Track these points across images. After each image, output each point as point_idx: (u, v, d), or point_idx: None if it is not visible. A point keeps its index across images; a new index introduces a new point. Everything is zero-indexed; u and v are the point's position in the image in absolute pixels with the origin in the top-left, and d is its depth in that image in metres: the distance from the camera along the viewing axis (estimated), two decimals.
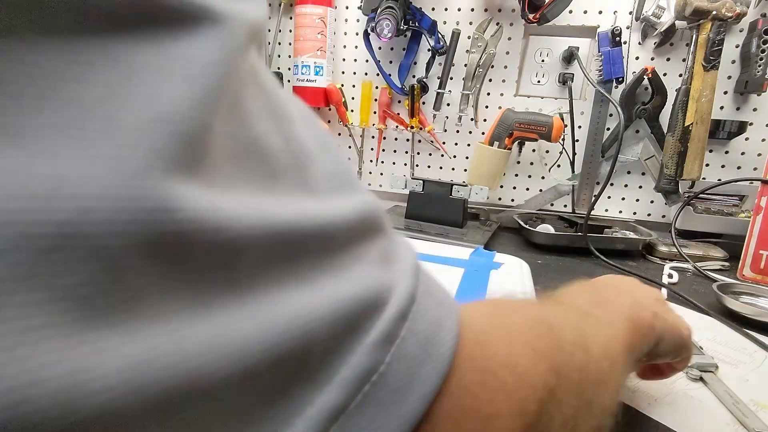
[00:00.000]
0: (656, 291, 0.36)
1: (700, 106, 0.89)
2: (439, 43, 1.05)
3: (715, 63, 0.88)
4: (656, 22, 0.95)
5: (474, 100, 1.08)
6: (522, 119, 0.97)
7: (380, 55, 1.12)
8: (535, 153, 1.09)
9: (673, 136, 0.92)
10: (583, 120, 1.05)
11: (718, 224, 0.94)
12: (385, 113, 1.14)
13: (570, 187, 1.07)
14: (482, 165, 1.02)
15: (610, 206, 1.08)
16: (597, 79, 1.01)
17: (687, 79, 0.90)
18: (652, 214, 1.07)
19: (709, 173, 1.00)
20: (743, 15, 0.87)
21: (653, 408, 0.42)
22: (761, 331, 0.59)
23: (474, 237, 0.91)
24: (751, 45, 0.91)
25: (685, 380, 0.47)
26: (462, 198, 0.97)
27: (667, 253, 0.90)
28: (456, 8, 1.06)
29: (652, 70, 0.96)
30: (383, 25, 0.99)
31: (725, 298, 0.64)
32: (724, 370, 0.49)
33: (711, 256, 0.88)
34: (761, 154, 0.97)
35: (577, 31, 1.03)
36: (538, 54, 1.06)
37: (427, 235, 0.90)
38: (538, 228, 0.95)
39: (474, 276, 0.68)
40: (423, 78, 1.10)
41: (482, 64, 1.05)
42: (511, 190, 1.13)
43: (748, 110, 0.98)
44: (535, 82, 1.08)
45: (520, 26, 1.04)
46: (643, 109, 0.98)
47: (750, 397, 0.44)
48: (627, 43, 1.00)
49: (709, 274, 0.81)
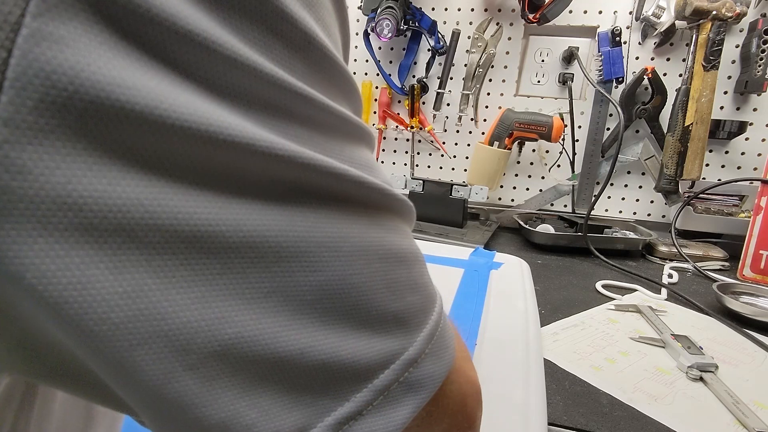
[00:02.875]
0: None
1: (700, 106, 0.89)
2: (439, 43, 1.05)
3: (715, 63, 0.88)
4: (656, 22, 0.95)
5: (474, 100, 1.08)
6: (522, 119, 0.97)
7: (380, 55, 1.12)
8: (535, 153, 1.09)
9: (673, 136, 0.92)
10: (583, 120, 1.05)
11: (718, 224, 0.94)
12: (385, 113, 1.14)
13: (570, 187, 1.07)
14: (482, 165, 1.02)
15: (610, 206, 1.08)
16: (597, 79, 1.01)
17: (687, 79, 0.90)
18: (652, 214, 1.07)
19: (709, 173, 1.00)
20: (743, 15, 0.87)
21: (653, 408, 0.42)
22: (761, 331, 0.59)
23: (474, 237, 0.91)
24: (751, 45, 0.91)
25: (685, 380, 0.47)
26: (462, 198, 0.97)
27: (667, 253, 0.90)
28: (456, 8, 1.06)
29: (652, 70, 0.96)
30: (383, 25, 0.99)
31: (725, 298, 0.64)
32: (724, 370, 0.49)
33: (711, 256, 0.88)
34: (761, 154, 0.97)
35: (577, 31, 1.03)
36: (538, 54, 1.06)
37: (426, 235, 0.90)
38: (538, 228, 0.95)
39: (474, 276, 0.68)
40: (423, 78, 1.10)
41: (482, 64, 1.05)
42: (511, 190, 1.13)
43: (748, 110, 0.97)
44: (535, 82, 1.08)
45: (520, 26, 1.04)
46: (643, 109, 0.98)
47: (750, 397, 0.44)
48: (627, 43, 1.00)
49: (709, 274, 0.81)
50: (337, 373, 0.14)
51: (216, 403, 0.12)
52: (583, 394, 0.44)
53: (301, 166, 0.13)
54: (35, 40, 0.10)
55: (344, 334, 0.14)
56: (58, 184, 0.10)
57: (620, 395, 0.44)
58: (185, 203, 0.12)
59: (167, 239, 0.12)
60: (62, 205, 0.10)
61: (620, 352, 0.52)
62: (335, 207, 0.14)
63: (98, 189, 0.11)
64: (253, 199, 0.13)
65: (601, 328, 0.58)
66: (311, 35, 0.13)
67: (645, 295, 0.71)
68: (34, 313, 0.11)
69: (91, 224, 0.11)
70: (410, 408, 0.16)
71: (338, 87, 0.15)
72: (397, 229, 0.17)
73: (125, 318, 0.11)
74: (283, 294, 0.13)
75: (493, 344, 0.49)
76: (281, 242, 0.13)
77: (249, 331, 0.13)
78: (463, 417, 0.19)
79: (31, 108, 0.10)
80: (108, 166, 0.11)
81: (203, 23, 0.11)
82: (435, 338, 0.17)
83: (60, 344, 0.13)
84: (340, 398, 0.14)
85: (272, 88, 0.13)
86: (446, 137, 1.13)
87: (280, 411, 0.14)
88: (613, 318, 0.61)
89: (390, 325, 0.16)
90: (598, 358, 0.51)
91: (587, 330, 0.57)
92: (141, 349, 0.11)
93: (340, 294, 0.14)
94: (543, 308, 0.63)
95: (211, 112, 0.12)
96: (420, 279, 0.17)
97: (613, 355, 0.51)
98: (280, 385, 0.14)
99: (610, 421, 0.40)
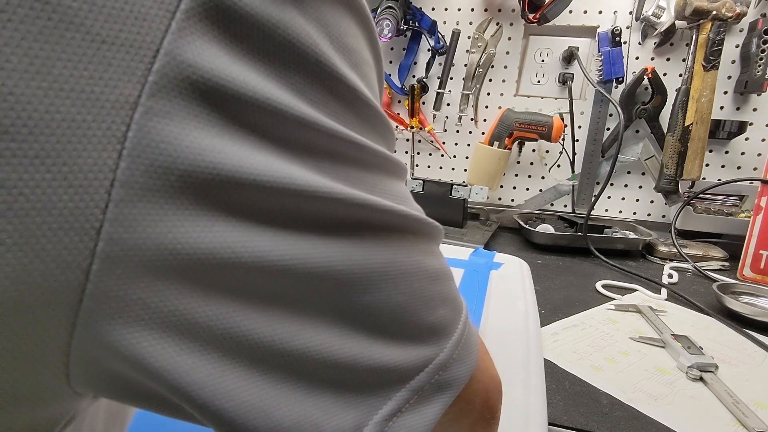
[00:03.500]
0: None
1: (700, 106, 0.89)
2: (439, 43, 1.05)
3: (715, 63, 0.88)
4: (656, 22, 0.95)
5: (474, 100, 1.08)
6: (522, 119, 0.97)
7: None
8: (535, 153, 1.09)
9: (673, 136, 0.92)
10: (583, 120, 1.05)
11: (718, 224, 0.94)
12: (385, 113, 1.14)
13: (570, 187, 1.07)
14: (482, 165, 1.02)
15: (610, 206, 1.08)
16: (597, 79, 1.01)
17: (687, 79, 0.90)
18: (652, 214, 1.07)
19: (709, 173, 1.00)
20: (743, 15, 0.87)
21: (653, 408, 0.42)
22: (761, 331, 0.59)
23: (474, 237, 0.91)
24: (751, 45, 0.91)
25: (685, 380, 0.47)
26: (462, 198, 0.97)
27: (667, 253, 0.90)
28: (456, 8, 1.06)
29: (652, 70, 0.96)
30: (383, 25, 0.99)
31: (725, 298, 0.64)
32: (724, 370, 0.49)
33: (711, 256, 0.88)
34: (761, 154, 0.97)
35: (577, 31, 1.03)
36: (538, 54, 1.06)
37: None
38: (538, 228, 0.95)
39: (474, 276, 0.68)
40: (423, 78, 1.10)
41: (482, 64, 1.05)
42: (511, 190, 1.13)
43: (748, 110, 0.97)
44: (535, 82, 1.08)
45: (520, 26, 1.04)
46: (643, 109, 0.98)
47: (750, 397, 0.44)
48: (627, 43, 1.00)
49: (709, 274, 0.81)
50: (383, 377, 0.17)
51: (287, 405, 0.15)
52: (583, 394, 0.44)
53: (356, 206, 0.16)
54: (148, 116, 0.12)
55: (388, 344, 0.17)
56: (161, 233, 0.13)
57: (620, 395, 0.44)
58: (263, 243, 0.14)
59: (248, 273, 0.14)
60: (164, 250, 0.13)
61: (620, 352, 0.52)
62: (383, 237, 0.17)
63: (192, 236, 0.13)
64: (318, 235, 0.15)
65: (601, 328, 0.58)
66: (359, 91, 0.16)
67: (645, 295, 0.71)
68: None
69: (187, 265, 0.13)
70: (440, 405, 0.18)
71: (377, 129, 0.18)
72: (432, 252, 0.19)
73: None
74: (340, 313, 0.16)
75: (493, 344, 0.49)
76: (340, 270, 0.15)
77: (312, 344, 0.15)
78: (487, 409, 0.23)
79: (142, 171, 0.12)
80: (200, 217, 0.13)
81: (275, 92, 0.14)
82: (461, 344, 0.20)
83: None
84: (384, 398, 0.17)
85: (331, 139, 0.16)
86: (446, 137, 1.13)
87: (339, 411, 0.16)
88: (613, 318, 0.61)
89: (424, 335, 0.18)
90: (598, 358, 0.51)
91: (587, 330, 0.57)
92: (231, 374, 0.14)
93: (386, 311, 0.17)
94: (543, 308, 0.63)
95: (282, 167, 0.14)
96: (449, 293, 0.20)
97: (613, 355, 0.52)
98: (336, 389, 0.16)
99: (610, 421, 0.40)
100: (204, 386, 0.14)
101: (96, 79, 0.12)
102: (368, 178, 0.17)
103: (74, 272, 0.12)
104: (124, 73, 0.12)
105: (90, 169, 0.12)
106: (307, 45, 0.15)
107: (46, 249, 0.12)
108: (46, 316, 0.12)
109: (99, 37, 0.12)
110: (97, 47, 0.12)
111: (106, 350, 0.13)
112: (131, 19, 0.12)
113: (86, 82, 0.12)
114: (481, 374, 0.22)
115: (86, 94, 0.12)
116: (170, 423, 0.35)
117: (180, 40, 0.13)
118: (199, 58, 0.13)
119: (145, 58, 0.12)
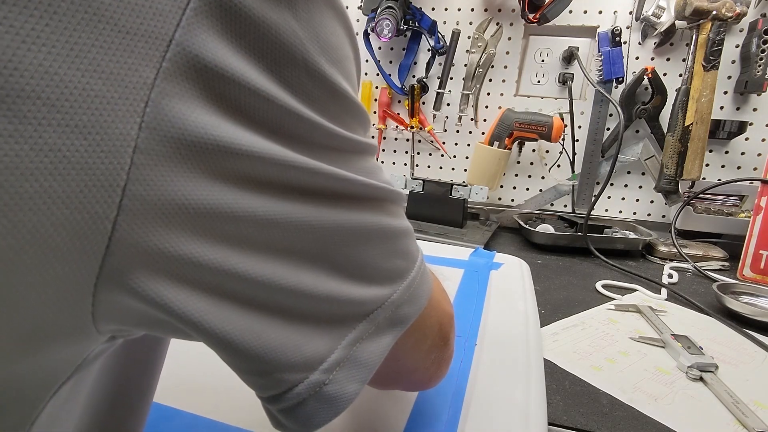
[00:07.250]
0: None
1: (700, 106, 0.89)
2: (439, 43, 1.05)
3: (715, 63, 0.88)
4: (656, 22, 0.95)
5: (474, 100, 1.08)
6: (522, 119, 0.97)
7: (380, 55, 1.12)
8: (535, 153, 1.09)
9: (673, 136, 0.92)
10: (583, 120, 1.05)
11: (718, 224, 0.94)
12: (385, 113, 1.14)
13: (570, 187, 1.07)
14: (482, 165, 1.02)
15: (610, 206, 1.08)
16: (597, 79, 1.01)
17: (687, 79, 0.90)
18: (652, 214, 1.07)
19: (709, 173, 1.00)
20: (743, 15, 0.87)
21: (653, 408, 0.42)
22: (761, 331, 0.59)
23: (474, 237, 0.91)
24: (751, 45, 0.91)
25: (685, 380, 0.47)
26: (462, 198, 0.97)
27: (667, 253, 0.90)
28: (456, 8, 1.06)
29: (652, 70, 0.96)
30: (383, 25, 0.99)
31: (725, 298, 0.64)
32: (724, 370, 0.49)
33: (711, 256, 0.88)
34: (761, 154, 0.98)
35: (577, 31, 1.03)
36: (538, 54, 1.06)
37: (426, 235, 0.90)
38: (538, 228, 0.95)
39: (474, 276, 0.68)
40: (423, 78, 1.10)
41: (482, 64, 1.05)
42: (511, 190, 1.13)
43: (748, 110, 0.98)
44: (535, 82, 1.08)
45: (520, 26, 1.04)
46: (643, 109, 0.98)
47: (750, 397, 0.44)
48: (627, 43, 1.00)
49: (709, 274, 0.81)
50: (349, 311, 0.21)
51: (275, 330, 0.19)
52: (583, 394, 0.44)
53: (329, 177, 0.19)
54: (162, 96, 0.15)
55: (355, 284, 0.21)
56: (172, 191, 0.15)
57: (620, 395, 0.44)
58: (252, 202, 0.17)
59: (241, 225, 0.17)
60: (174, 204, 0.15)
61: (620, 352, 0.52)
62: (354, 202, 0.21)
63: (196, 194, 0.16)
64: (297, 199, 0.18)
65: (601, 328, 0.58)
66: (338, 85, 0.19)
67: (645, 295, 0.71)
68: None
69: (193, 216, 0.16)
70: (392, 336, 0.23)
71: (351, 115, 0.21)
72: (392, 212, 0.23)
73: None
74: (318, 259, 0.20)
75: (493, 344, 0.49)
76: (316, 226, 0.19)
77: (294, 283, 0.19)
78: (440, 338, 0.29)
79: (158, 141, 0.15)
80: (202, 179, 0.16)
81: (266, 83, 0.17)
82: (413, 288, 0.24)
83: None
84: (349, 327, 0.21)
85: (310, 126, 0.18)
86: (446, 137, 1.13)
87: (315, 336, 0.20)
88: (613, 318, 0.61)
89: (382, 279, 0.22)
90: (598, 358, 0.51)
91: (587, 330, 0.57)
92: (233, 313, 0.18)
93: (355, 258, 0.21)
94: (543, 308, 0.63)
95: (267, 145, 0.17)
96: (406, 248, 0.24)
97: (613, 355, 0.51)
98: (313, 319, 0.20)
99: (610, 421, 0.40)
100: (210, 317, 0.17)
101: (122, 64, 0.14)
102: (340, 157, 0.20)
103: (103, 222, 0.14)
104: (143, 59, 0.14)
105: (117, 138, 0.14)
106: (296, 45, 0.17)
107: (83, 203, 0.14)
108: (81, 260, 0.15)
109: (124, 28, 0.14)
110: (122, 37, 0.14)
111: (127, 289, 0.16)
112: (150, 14, 0.14)
113: (114, 66, 0.14)
114: (434, 310, 0.27)
115: (114, 76, 0.14)
116: (168, 420, 0.35)
117: (188, 33, 0.15)
118: (204, 49, 0.15)
119: (160, 47, 0.15)
